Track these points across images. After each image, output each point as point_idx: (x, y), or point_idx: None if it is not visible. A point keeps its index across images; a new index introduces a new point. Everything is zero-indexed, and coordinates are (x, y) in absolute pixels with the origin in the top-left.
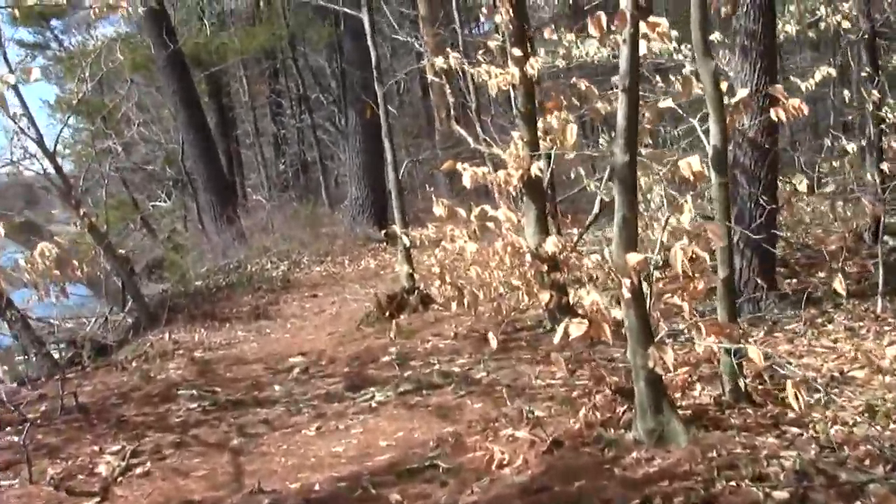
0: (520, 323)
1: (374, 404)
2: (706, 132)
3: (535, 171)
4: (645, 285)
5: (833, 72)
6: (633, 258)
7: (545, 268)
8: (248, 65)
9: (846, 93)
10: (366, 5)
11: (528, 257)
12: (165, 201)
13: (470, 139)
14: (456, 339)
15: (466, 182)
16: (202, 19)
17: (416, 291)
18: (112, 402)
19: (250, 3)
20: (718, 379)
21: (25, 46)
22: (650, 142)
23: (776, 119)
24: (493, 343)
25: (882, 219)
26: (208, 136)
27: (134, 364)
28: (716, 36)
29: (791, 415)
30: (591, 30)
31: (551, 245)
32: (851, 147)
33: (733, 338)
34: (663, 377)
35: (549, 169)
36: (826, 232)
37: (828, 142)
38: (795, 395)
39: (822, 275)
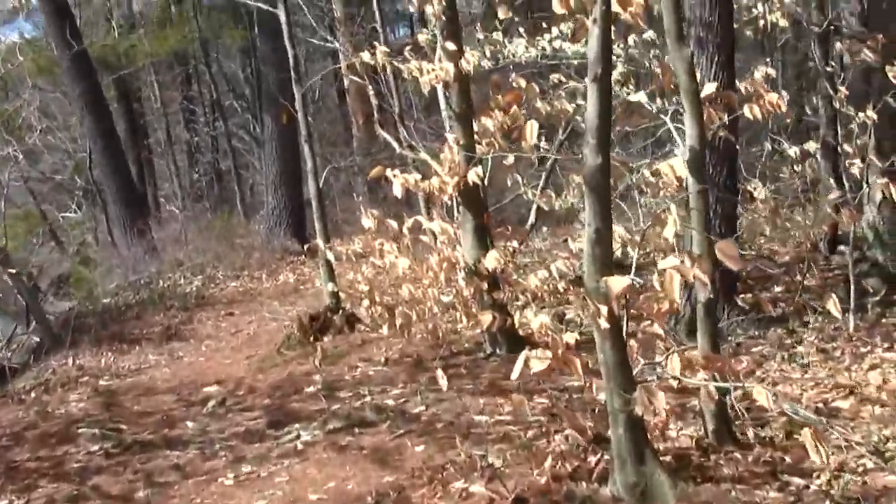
0: (456, 346)
1: (300, 445)
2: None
3: (472, 177)
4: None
5: (773, 72)
6: (617, 283)
7: (485, 286)
8: (159, 70)
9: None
10: (282, 1)
11: (464, 274)
12: (76, 212)
13: (395, 144)
14: (387, 364)
15: (397, 190)
16: (110, 20)
17: (340, 311)
18: (2, 443)
19: (160, 4)
20: (698, 416)
21: None
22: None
23: (753, 117)
24: (443, 382)
25: (853, 227)
26: (117, 143)
27: (32, 395)
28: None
29: (788, 460)
30: (556, 6)
31: (492, 260)
32: (794, 151)
33: (727, 374)
34: (645, 421)
35: (486, 176)
36: (781, 242)
37: (768, 146)
38: (816, 445)
39: (779, 288)
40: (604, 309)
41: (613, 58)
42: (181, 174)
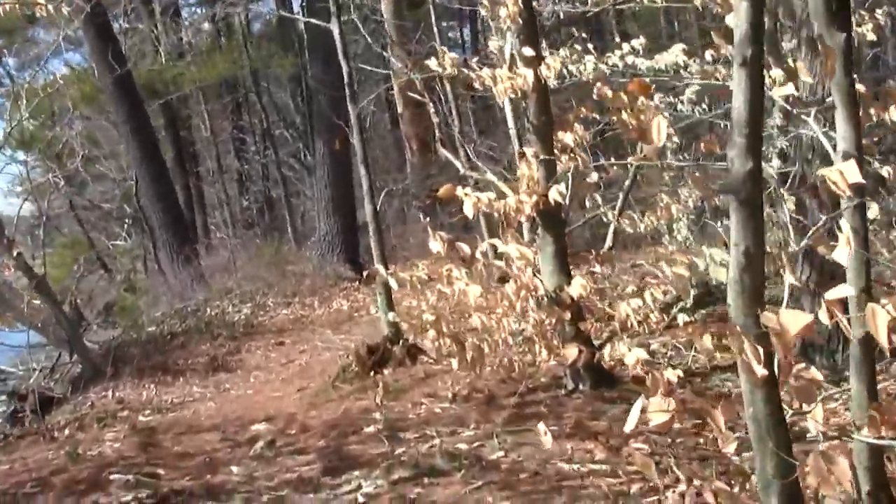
0: (532, 380)
1: (360, 497)
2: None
3: (554, 196)
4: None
5: None
6: (795, 320)
7: (568, 315)
8: (209, 98)
9: None
10: (336, 16)
11: (544, 302)
12: (125, 240)
13: (458, 164)
14: (455, 401)
15: (468, 210)
16: (157, 48)
17: (401, 341)
18: (26, 490)
19: (210, 34)
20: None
21: None
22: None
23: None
24: (546, 439)
25: None
26: (162, 169)
27: (66, 431)
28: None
29: None
30: None
31: (578, 288)
32: None
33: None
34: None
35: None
36: None
37: None
38: None
39: None
40: (761, 351)
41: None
42: (231, 202)
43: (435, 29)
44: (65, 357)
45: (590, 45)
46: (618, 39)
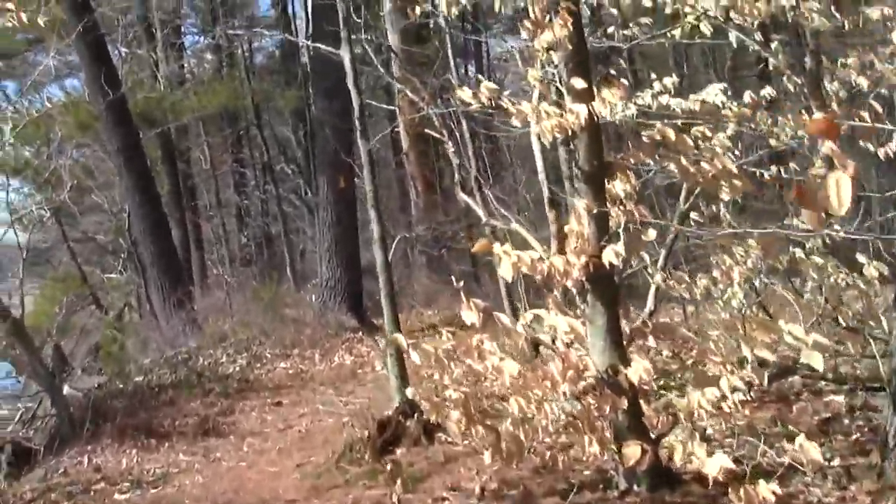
0: (574, 474)
1: None
2: None
3: (609, 257)
4: None
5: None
6: None
7: (625, 404)
8: (209, 130)
9: None
10: (346, 42)
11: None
12: (121, 273)
13: (480, 211)
14: (483, 497)
15: (506, 272)
16: (156, 76)
17: (415, 415)
18: None
19: (211, 64)
20: None
21: None
22: None
23: None
24: None
25: None
26: (157, 204)
27: None
28: None
29: None
30: None
31: (639, 371)
32: None
33: None
34: None
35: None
36: None
37: None
38: None
39: None
40: None
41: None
42: (229, 238)
43: (451, 60)
44: (44, 407)
45: (624, 81)
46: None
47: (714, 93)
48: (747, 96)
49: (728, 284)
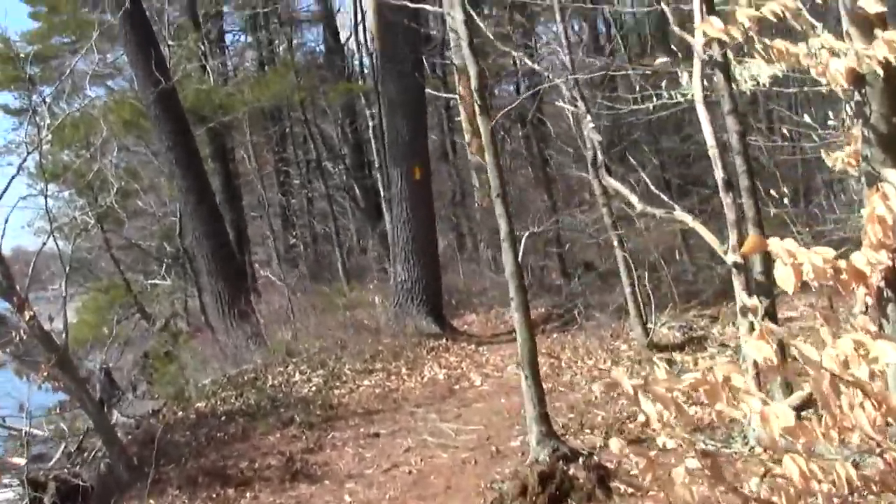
0: None
1: None
2: None
3: None
4: None
5: None
6: None
7: None
8: (253, 129)
9: None
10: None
11: None
12: (165, 279)
13: (633, 198)
14: None
15: (786, 281)
16: (205, 67)
17: (581, 459)
18: None
19: (254, 60)
20: None
21: (10, 113)
22: None
23: None
24: None
25: None
26: (212, 202)
27: None
28: None
29: None
30: None
31: None
32: None
33: None
34: None
35: None
36: None
37: None
38: None
39: None
40: None
41: None
42: (276, 238)
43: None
44: (91, 438)
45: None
46: None
47: None
48: None
49: None
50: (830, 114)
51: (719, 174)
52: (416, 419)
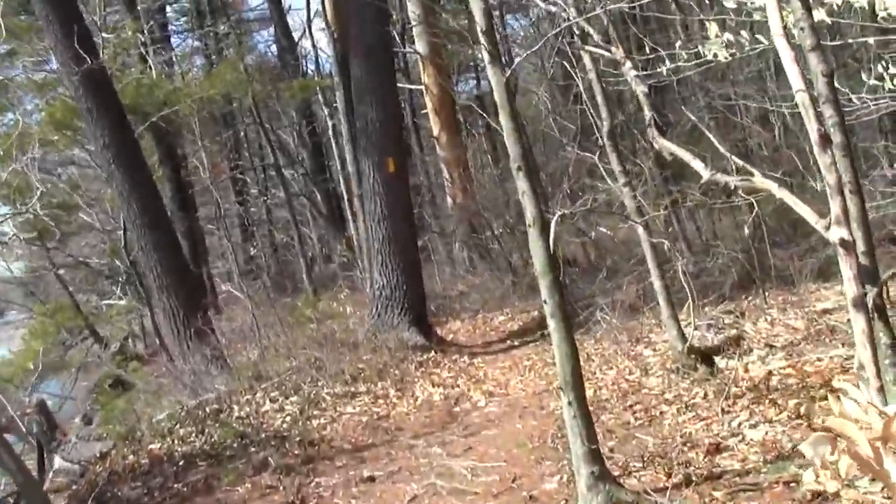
0: None
1: None
2: None
3: None
4: None
5: None
6: None
7: None
8: (205, 134)
9: None
10: None
11: None
12: (121, 298)
13: (696, 162)
14: None
15: None
16: (145, 58)
17: None
18: None
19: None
20: None
21: None
22: None
23: None
24: None
25: None
26: (161, 210)
27: None
28: None
29: None
30: None
31: None
32: None
33: None
34: None
35: None
36: None
37: None
38: None
39: None
40: None
41: None
42: (235, 250)
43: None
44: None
45: None
46: None
47: None
48: None
49: None
50: None
51: (813, 126)
52: (417, 455)
